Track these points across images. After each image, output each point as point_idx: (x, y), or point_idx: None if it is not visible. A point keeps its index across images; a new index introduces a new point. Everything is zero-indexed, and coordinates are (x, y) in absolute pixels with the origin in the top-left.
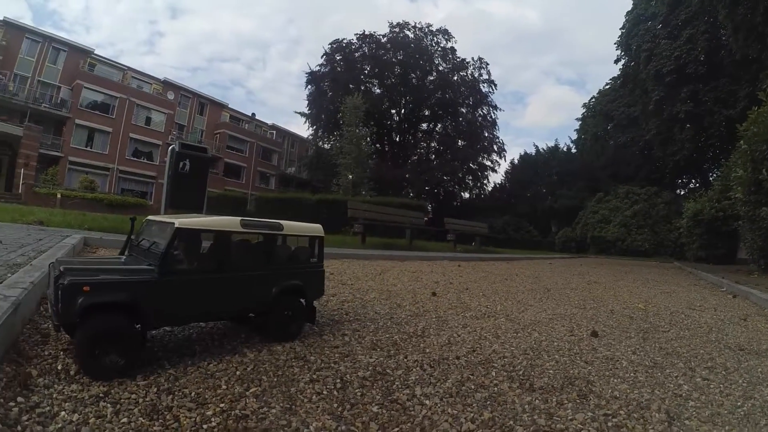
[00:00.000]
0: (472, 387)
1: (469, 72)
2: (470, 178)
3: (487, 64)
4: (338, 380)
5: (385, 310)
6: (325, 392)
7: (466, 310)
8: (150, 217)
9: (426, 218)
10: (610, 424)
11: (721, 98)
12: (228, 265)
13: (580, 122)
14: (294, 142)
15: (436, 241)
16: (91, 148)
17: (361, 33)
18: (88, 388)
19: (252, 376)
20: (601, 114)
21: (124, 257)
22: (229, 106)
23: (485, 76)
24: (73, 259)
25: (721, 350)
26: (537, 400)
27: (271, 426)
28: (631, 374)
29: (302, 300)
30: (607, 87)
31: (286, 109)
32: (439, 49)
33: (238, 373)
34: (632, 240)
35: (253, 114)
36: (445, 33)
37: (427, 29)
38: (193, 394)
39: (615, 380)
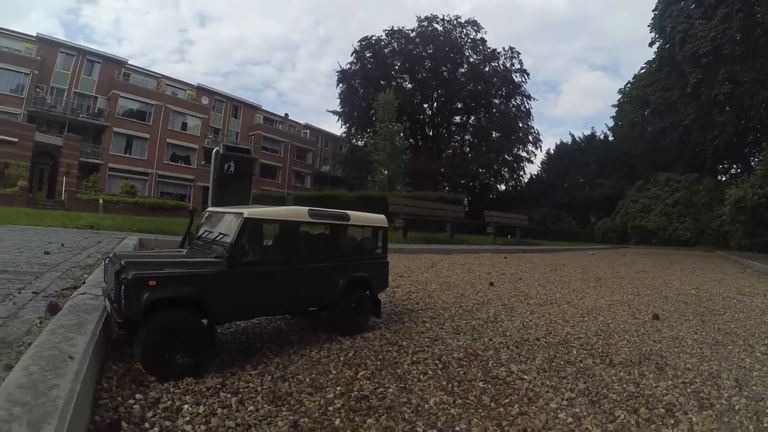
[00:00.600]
0: (561, 363)
1: (501, 62)
2: (506, 170)
3: (519, 53)
4: (437, 361)
5: (451, 300)
6: (430, 372)
7: (527, 298)
8: (211, 209)
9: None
10: (689, 390)
11: (759, 78)
12: (296, 256)
13: (616, 109)
14: (327, 140)
15: (475, 235)
16: (129, 154)
17: (389, 29)
18: (203, 380)
19: (356, 361)
20: (637, 99)
21: (185, 250)
22: (262, 107)
23: (517, 66)
24: (133, 253)
25: None
26: (621, 372)
27: (392, 404)
28: (698, 350)
29: (368, 292)
30: (643, 71)
31: (318, 108)
32: (469, 40)
33: (342, 358)
34: (674, 229)
35: (286, 114)
36: (474, 24)
37: (455, 21)
38: (307, 380)
39: (684, 355)
